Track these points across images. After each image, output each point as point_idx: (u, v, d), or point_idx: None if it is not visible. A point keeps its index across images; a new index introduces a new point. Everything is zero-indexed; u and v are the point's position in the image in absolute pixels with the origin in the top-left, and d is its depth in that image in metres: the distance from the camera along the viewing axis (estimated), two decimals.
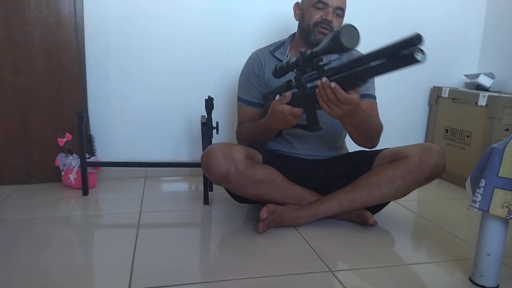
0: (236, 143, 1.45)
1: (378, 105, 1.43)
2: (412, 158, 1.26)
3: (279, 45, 1.45)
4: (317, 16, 1.32)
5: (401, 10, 2.05)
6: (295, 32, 1.46)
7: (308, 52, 1.06)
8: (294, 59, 1.11)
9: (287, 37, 1.48)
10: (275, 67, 1.19)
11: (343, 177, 1.38)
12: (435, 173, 1.26)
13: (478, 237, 0.99)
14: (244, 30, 1.88)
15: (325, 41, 1.00)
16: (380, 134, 1.35)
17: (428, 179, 1.27)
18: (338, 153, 1.49)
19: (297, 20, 1.42)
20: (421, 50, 0.93)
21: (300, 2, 1.41)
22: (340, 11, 1.33)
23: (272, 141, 1.44)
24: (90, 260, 1.14)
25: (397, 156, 1.31)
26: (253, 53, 1.48)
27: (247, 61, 1.48)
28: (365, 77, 0.98)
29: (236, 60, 1.87)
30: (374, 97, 1.42)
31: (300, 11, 1.40)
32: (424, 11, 2.07)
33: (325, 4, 1.31)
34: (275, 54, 1.43)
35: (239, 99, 1.48)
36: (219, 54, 1.88)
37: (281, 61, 1.38)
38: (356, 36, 0.96)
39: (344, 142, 1.54)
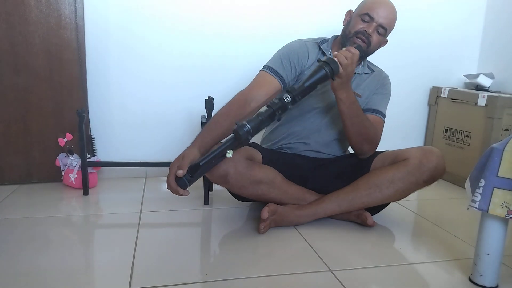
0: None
1: None
2: (412, 160, 1.27)
3: (324, 40, 1.46)
4: (360, 26, 1.35)
5: (400, 10, 2.05)
6: (337, 35, 1.48)
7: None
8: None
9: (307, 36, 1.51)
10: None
11: (342, 177, 1.38)
12: (435, 175, 1.27)
13: (477, 237, 1.00)
14: (245, 30, 1.88)
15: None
16: (375, 143, 1.38)
17: (427, 182, 1.28)
18: (340, 153, 1.50)
19: (343, 25, 1.44)
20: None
21: (353, 10, 1.43)
22: (382, 30, 1.35)
23: (287, 127, 1.48)
24: (91, 259, 1.15)
25: (397, 158, 1.31)
26: (299, 39, 1.46)
27: (289, 43, 1.44)
28: None
29: (237, 61, 1.88)
30: (382, 114, 1.44)
31: (349, 18, 1.42)
32: (423, 11, 2.07)
33: (371, 18, 1.34)
34: (321, 46, 1.43)
35: (265, 66, 1.37)
36: (220, 55, 1.88)
37: (325, 54, 1.42)
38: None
39: (346, 146, 1.55)
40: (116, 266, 1.06)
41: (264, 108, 1.13)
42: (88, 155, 1.66)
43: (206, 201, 1.57)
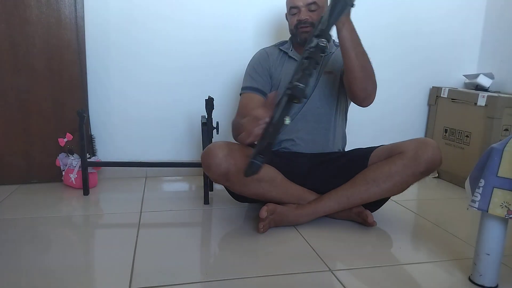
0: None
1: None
2: (408, 152, 1.28)
3: (283, 42, 1.54)
4: (294, 20, 1.41)
5: (400, 10, 2.06)
6: None
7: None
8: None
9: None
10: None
11: (341, 175, 1.38)
12: (431, 166, 1.27)
13: (477, 236, 1.00)
14: (244, 29, 1.88)
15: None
16: (375, 82, 1.32)
17: (424, 173, 1.28)
18: (333, 146, 1.49)
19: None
20: None
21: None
22: (313, 5, 1.38)
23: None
24: (91, 260, 1.15)
25: (393, 152, 1.32)
26: (260, 49, 1.56)
27: (252, 57, 1.54)
28: None
29: (237, 60, 1.88)
30: None
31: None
32: (423, 11, 2.07)
33: (296, 7, 1.39)
34: (280, 47, 1.51)
35: (242, 89, 1.49)
36: (219, 54, 1.88)
37: (286, 52, 1.48)
38: None
39: (339, 139, 1.54)
40: (117, 266, 1.07)
41: (298, 62, 1.06)
42: (88, 155, 1.66)
43: (206, 201, 1.57)
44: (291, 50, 1.48)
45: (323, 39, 1.04)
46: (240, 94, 1.50)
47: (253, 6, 1.88)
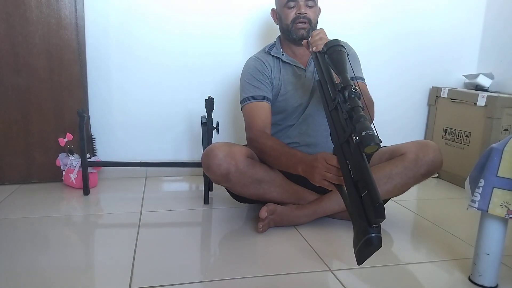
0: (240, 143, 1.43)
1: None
2: (409, 155, 1.28)
3: (271, 46, 1.49)
4: (291, 14, 1.37)
5: (400, 10, 2.06)
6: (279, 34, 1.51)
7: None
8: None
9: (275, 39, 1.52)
10: None
11: None
12: (432, 169, 1.28)
13: (477, 236, 1.00)
14: (245, 30, 1.89)
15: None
16: (372, 108, 1.34)
17: (425, 175, 1.29)
18: None
19: (277, 24, 1.48)
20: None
21: (274, 7, 1.47)
22: (310, 1, 1.37)
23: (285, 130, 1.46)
24: (91, 259, 1.15)
25: (394, 154, 1.32)
26: (250, 58, 1.50)
27: (245, 66, 1.47)
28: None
29: (237, 61, 1.88)
30: (362, 79, 1.45)
31: (277, 15, 1.46)
32: (423, 10, 2.07)
33: (295, 0, 1.36)
34: (271, 53, 1.46)
35: (246, 99, 1.40)
36: (220, 54, 1.88)
37: (279, 58, 1.44)
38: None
39: None
40: (117, 266, 1.07)
41: (348, 108, 0.96)
42: (88, 155, 1.66)
43: (206, 201, 1.57)
44: (283, 55, 1.44)
45: (351, 88, 0.96)
46: (242, 106, 1.42)
47: (256, 7, 1.87)
